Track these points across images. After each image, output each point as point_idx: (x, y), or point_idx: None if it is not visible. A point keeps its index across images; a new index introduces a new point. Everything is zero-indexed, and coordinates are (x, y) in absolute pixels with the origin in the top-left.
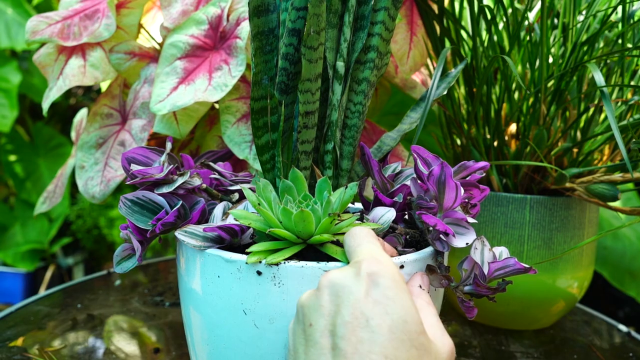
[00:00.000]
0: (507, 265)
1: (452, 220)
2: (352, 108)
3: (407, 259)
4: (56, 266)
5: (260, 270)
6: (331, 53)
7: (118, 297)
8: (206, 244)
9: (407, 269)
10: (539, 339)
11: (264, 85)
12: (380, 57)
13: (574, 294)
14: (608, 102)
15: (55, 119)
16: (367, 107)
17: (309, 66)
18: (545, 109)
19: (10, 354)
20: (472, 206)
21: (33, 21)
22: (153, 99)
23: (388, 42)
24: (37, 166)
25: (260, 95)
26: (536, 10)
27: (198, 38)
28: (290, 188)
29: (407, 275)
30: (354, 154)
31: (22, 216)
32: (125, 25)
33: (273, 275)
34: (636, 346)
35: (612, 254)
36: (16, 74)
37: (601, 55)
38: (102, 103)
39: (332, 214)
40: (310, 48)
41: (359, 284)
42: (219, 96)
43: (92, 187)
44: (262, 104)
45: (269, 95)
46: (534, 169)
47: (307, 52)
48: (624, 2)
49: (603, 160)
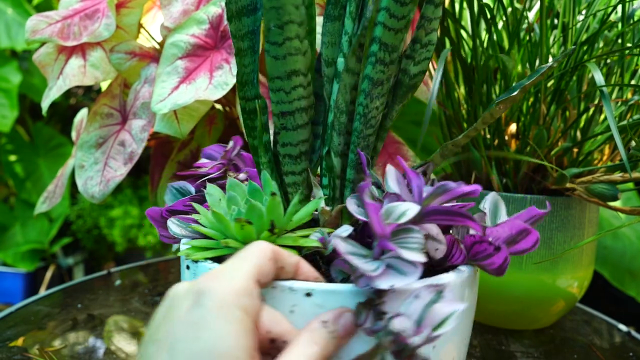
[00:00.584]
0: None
1: (391, 255)
2: (357, 110)
3: (317, 288)
4: (56, 266)
5: (188, 265)
6: (330, 49)
7: (118, 297)
8: (188, 234)
9: (318, 300)
10: (539, 339)
11: (255, 84)
12: (387, 51)
13: (574, 294)
14: (607, 102)
15: (55, 119)
16: (375, 110)
17: (276, 63)
18: (545, 109)
19: (11, 354)
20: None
21: (33, 21)
22: (154, 99)
23: (398, 32)
24: (37, 166)
25: (253, 94)
26: (536, 10)
27: (199, 37)
28: (256, 191)
29: (317, 306)
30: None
31: (22, 216)
32: (125, 25)
33: (194, 272)
34: (636, 346)
35: (612, 254)
36: (16, 74)
37: (601, 55)
38: (102, 103)
39: (274, 228)
40: (274, 44)
41: (186, 299)
42: (220, 95)
43: (92, 186)
44: (255, 104)
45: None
46: (534, 169)
47: (271, 49)
48: (624, 2)
49: (603, 160)
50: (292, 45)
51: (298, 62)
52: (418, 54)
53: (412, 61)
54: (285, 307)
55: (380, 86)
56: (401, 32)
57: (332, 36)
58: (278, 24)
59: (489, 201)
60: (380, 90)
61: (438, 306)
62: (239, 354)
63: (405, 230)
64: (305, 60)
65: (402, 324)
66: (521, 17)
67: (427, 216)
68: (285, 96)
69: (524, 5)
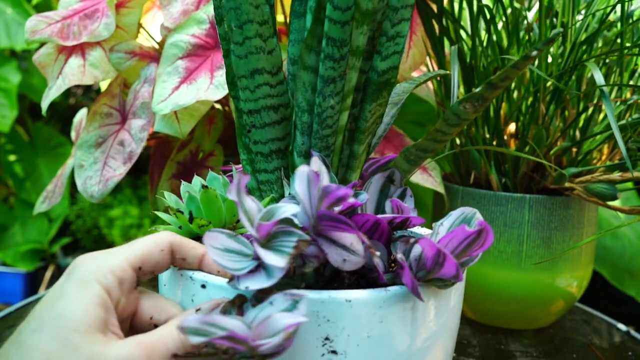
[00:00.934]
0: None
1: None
2: (314, 109)
3: (211, 281)
4: (56, 266)
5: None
6: (295, 46)
7: None
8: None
9: (211, 292)
10: (538, 338)
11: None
12: (335, 45)
13: (573, 293)
14: (608, 102)
15: (54, 119)
16: (330, 109)
17: (239, 62)
18: (544, 109)
19: None
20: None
21: (32, 21)
22: (155, 99)
23: (344, 24)
24: (36, 166)
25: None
26: (535, 10)
27: (199, 37)
28: (212, 181)
29: (210, 298)
30: (337, 163)
31: (21, 216)
32: (125, 25)
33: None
34: (635, 345)
35: (611, 253)
36: (16, 74)
37: (600, 54)
38: (102, 102)
39: (192, 219)
40: (236, 44)
41: (64, 275)
42: (221, 95)
43: (91, 186)
44: None
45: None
46: (533, 169)
47: (235, 48)
48: (623, 2)
49: (602, 159)
50: (252, 44)
51: (260, 60)
52: (385, 48)
53: (380, 56)
54: (187, 296)
55: (333, 84)
56: (348, 25)
57: (298, 33)
58: (237, 24)
59: (454, 216)
60: (334, 88)
61: (278, 316)
62: (87, 322)
63: (285, 233)
64: (272, 58)
65: (231, 324)
66: (520, 17)
67: (320, 221)
68: (250, 94)
69: (523, 5)
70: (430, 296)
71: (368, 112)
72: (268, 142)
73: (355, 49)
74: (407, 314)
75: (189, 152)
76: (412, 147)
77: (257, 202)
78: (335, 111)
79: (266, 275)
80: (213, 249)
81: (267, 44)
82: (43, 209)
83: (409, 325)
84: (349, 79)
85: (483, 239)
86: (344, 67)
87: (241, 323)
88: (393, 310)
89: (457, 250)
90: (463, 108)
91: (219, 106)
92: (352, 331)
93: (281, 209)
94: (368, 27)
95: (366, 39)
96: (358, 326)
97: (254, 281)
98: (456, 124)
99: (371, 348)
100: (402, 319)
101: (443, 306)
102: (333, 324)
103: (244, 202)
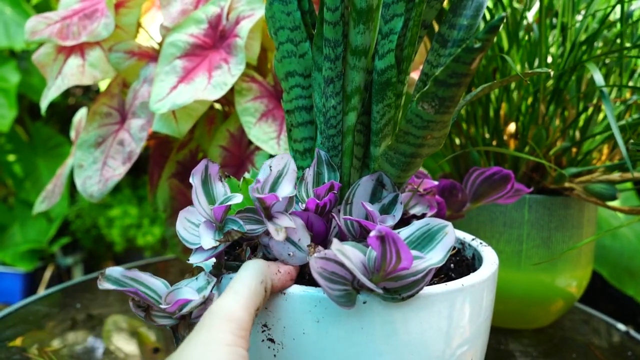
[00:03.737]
0: None
1: None
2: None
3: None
4: (55, 266)
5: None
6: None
7: (117, 297)
8: None
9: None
10: (537, 338)
11: None
12: (329, 46)
13: (573, 293)
14: (608, 102)
15: (54, 118)
16: (332, 109)
17: (277, 66)
18: (544, 109)
19: (10, 353)
20: None
21: (32, 21)
22: (152, 98)
23: (335, 25)
24: (36, 166)
25: None
26: (535, 10)
27: (197, 37)
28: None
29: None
30: (338, 163)
31: (21, 216)
32: (124, 25)
33: None
34: (635, 345)
35: (610, 253)
36: (15, 74)
37: (600, 55)
38: (102, 102)
39: None
40: (276, 49)
41: None
42: (219, 95)
43: (91, 186)
44: None
45: None
46: (532, 169)
47: (276, 53)
48: (623, 2)
49: (602, 159)
50: (284, 49)
51: (292, 63)
52: (380, 46)
53: (378, 55)
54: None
55: (332, 84)
56: (339, 25)
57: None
58: (273, 30)
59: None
60: (333, 89)
61: (180, 290)
62: None
63: (231, 221)
64: (304, 62)
65: (149, 281)
66: (521, 17)
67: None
68: (286, 95)
69: (524, 5)
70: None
71: (376, 113)
72: (302, 140)
73: (355, 49)
74: (347, 320)
75: (188, 152)
76: (389, 149)
77: (226, 187)
78: (337, 111)
79: (202, 253)
80: (184, 221)
81: (299, 48)
82: (42, 208)
83: (350, 331)
84: (351, 79)
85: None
86: (340, 67)
87: (162, 284)
88: (330, 312)
89: None
90: (422, 109)
91: (219, 106)
92: (288, 324)
93: (233, 198)
94: (365, 26)
95: (366, 38)
96: (293, 321)
97: (195, 257)
98: (425, 127)
99: (309, 346)
100: (340, 323)
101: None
102: (270, 312)
103: (214, 186)
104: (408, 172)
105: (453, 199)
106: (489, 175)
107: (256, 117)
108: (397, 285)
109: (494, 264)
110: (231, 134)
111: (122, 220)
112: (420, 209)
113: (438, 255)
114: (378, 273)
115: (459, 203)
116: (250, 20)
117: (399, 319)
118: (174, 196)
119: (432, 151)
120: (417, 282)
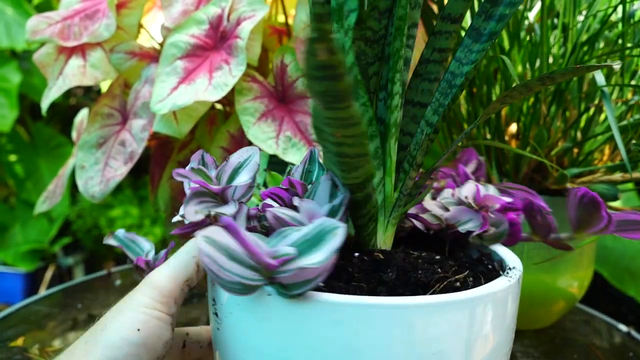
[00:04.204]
0: None
1: None
2: None
3: None
4: (56, 266)
5: None
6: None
7: (118, 297)
8: None
9: None
10: (538, 339)
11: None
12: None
13: (574, 294)
14: (608, 102)
15: (55, 119)
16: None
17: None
18: (546, 109)
19: (11, 354)
20: None
21: (33, 21)
22: (153, 99)
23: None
24: (37, 166)
25: None
26: (536, 10)
27: (198, 38)
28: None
29: None
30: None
31: (22, 216)
32: (126, 26)
33: None
34: (636, 345)
35: (612, 254)
36: (16, 74)
37: (601, 55)
38: (103, 103)
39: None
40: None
41: None
42: (219, 96)
43: (92, 186)
44: None
45: None
46: (534, 169)
47: None
48: (624, 2)
49: (603, 160)
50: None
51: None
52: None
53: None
54: None
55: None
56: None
57: None
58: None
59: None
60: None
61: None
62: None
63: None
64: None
65: (143, 244)
66: (522, 18)
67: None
68: None
69: (525, 5)
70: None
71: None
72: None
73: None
74: (256, 309)
75: (189, 152)
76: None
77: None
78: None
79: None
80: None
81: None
82: (44, 209)
83: (259, 320)
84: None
85: None
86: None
87: (149, 245)
88: (245, 297)
89: None
90: (316, 105)
91: (220, 106)
92: (222, 302)
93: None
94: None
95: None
96: (224, 299)
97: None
98: (327, 124)
99: (235, 327)
100: (250, 311)
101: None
102: (216, 287)
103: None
104: (351, 173)
105: (534, 221)
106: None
107: (256, 117)
108: (290, 281)
109: (519, 270)
110: (231, 135)
111: (123, 221)
112: (472, 225)
113: (320, 256)
114: (260, 265)
115: (544, 227)
116: (252, 21)
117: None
118: (175, 196)
119: (359, 150)
120: (308, 282)
